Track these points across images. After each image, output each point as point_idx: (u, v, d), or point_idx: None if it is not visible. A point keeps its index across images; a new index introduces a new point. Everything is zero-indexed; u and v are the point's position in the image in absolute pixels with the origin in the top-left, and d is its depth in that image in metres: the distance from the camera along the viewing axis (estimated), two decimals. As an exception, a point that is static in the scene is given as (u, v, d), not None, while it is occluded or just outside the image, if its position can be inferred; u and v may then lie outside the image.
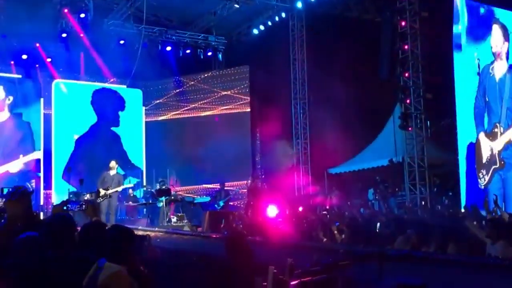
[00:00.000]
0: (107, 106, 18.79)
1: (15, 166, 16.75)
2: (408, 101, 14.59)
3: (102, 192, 12.60)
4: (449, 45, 13.80)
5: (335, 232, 9.68)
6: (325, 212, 14.06)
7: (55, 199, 16.68)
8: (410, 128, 14.49)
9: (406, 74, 14.64)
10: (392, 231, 8.59)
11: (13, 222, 2.76)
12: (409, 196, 14.44)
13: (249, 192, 15.29)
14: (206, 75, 19.62)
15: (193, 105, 19.45)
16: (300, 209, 15.40)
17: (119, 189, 12.91)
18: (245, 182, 16.62)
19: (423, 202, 14.11)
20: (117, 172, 13.13)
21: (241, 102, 19.14)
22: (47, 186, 17.19)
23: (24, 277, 2.86)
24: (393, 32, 14.67)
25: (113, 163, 13.10)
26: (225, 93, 19.20)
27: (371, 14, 17.02)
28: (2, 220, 5.14)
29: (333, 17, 16.66)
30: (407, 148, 14.65)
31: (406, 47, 14.60)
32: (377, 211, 13.90)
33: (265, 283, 2.65)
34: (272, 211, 14.08)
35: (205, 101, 19.40)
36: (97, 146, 17.57)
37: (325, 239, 9.47)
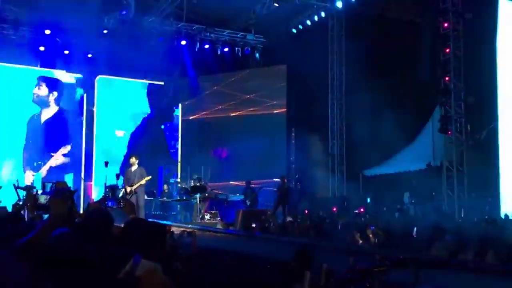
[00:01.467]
0: (162, 100, 19.06)
1: (57, 159, 17.16)
2: (448, 104, 14.27)
3: (128, 189, 12.74)
4: (493, 48, 13.42)
5: (370, 235, 9.56)
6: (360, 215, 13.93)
7: (94, 193, 17.03)
8: (449, 132, 14.17)
9: (447, 78, 14.32)
10: (429, 237, 8.42)
11: (56, 221, 2.79)
12: (447, 201, 14.12)
13: (279, 192, 15.27)
14: (243, 73, 19.64)
15: (230, 103, 19.51)
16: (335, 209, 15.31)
17: (143, 182, 12.85)
18: (276, 180, 16.56)
19: (462, 208, 13.78)
20: (138, 167, 13.16)
21: (277, 101, 19.10)
22: (88, 178, 17.54)
23: (60, 272, 2.89)
24: (434, 33, 14.37)
25: (133, 159, 13.08)
26: (262, 92, 19.18)
27: (412, 15, 16.69)
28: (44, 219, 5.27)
29: (372, 17, 16.42)
30: (446, 152, 14.32)
31: (448, 49, 14.27)
32: (413, 215, 13.68)
33: None
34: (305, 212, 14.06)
35: (242, 99, 19.43)
36: (144, 140, 17.89)
37: (361, 241, 9.35)
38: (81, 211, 7.60)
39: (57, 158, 17.07)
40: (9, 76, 17.01)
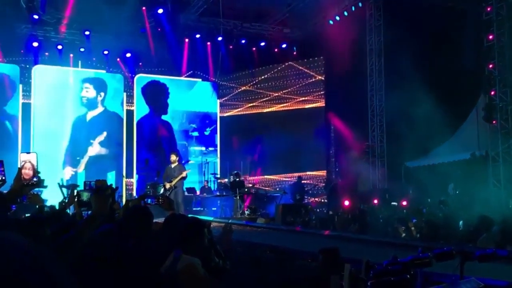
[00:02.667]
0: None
1: (94, 149, 17.43)
2: (493, 92, 13.82)
3: (168, 185, 12.95)
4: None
5: (412, 228, 9.37)
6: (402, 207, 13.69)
7: (135, 189, 17.34)
8: (494, 121, 13.73)
9: (491, 65, 13.86)
10: (475, 229, 8.18)
11: (97, 217, 2.84)
12: (493, 192, 13.70)
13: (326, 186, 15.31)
14: (280, 68, 19.57)
15: (267, 98, 19.49)
16: (376, 201, 15.10)
17: (184, 174, 13.08)
18: (319, 174, 16.51)
19: (509, 199, 13.35)
20: (178, 164, 13.37)
21: (315, 95, 18.96)
22: (129, 174, 17.86)
23: (103, 268, 2.93)
24: (477, 19, 13.92)
25: (173, 157, 13.37)
26: (299, 85, 19.08)
27: (453, 1, 16.23)
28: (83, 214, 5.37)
29: (411, 5, 16.04)
30: (491, 141, 13.90)
31: (491, 35, 13.80)
32: (458, 207, 13.33)
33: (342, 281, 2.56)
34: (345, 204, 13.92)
35: (279, 94, 19.39)
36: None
37: (404, 235, 9.18)
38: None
39: (94, 146, 17.36)
40: (53, 77, 17.40)
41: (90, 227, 2.67)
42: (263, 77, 19.67)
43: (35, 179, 3.61)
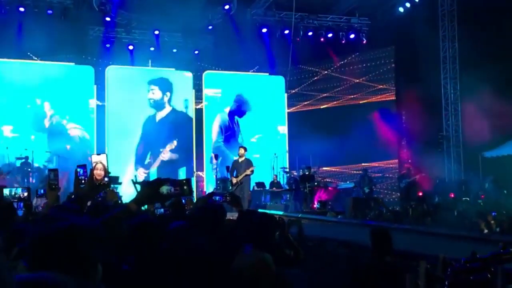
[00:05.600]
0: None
1: (164, 155, 17.81)
2: None
3: (234, 180, 12.93)
4: None
5: (492, 222, 8.94)
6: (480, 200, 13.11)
7: (206, 185, 17.62)
8: None
9: None
10: None
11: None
12: None
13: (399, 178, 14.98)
14: (349, 58, 19.23)
15: (336, 90, 19.23)
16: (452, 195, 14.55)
17: (248, 172, 13.01)
18: (388, 165, 16.15)
19: None
20: (246, 158, 13.26)
21: (386, 84, 18.51)
22: (199, 168, 18.20)
23: (178, 263, 2.99)
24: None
25: (241, 151, 13.29)
26: (369, 75, 18.69)
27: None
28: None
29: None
30: None
31: None
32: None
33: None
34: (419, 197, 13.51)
35: (348, 85, 19.08)
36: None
37: (486, 231, 8.76)
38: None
39: (165, 153, 17.72)
40: (125, 78, 17.95)
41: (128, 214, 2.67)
42: (331, 69, 19.41)
43: (106, 179, 3.74)
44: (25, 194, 4.16)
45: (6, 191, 4.57)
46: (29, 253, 1.90)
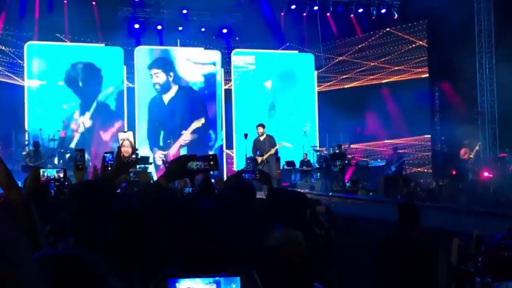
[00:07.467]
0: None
1: (186, 137, 17.86)
2: None
3: (259, 159, 12.71)
4: None
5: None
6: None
7: (236, 162, 17.68)
8: None
9: None
10: None
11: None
12: None
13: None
14: (380, 34, 18.84)
15: (366, 67, 18.90)
16: (486, 174, 14.24)
17: (273, 151, 12.78)
18: (420, 142, 15.90)
19: None
20: (267, 135, 12.97)
21: (418, 59, 18.11)
22: (229, 146, 18.27)
23: (208, 242, 3.01)
24: None
25: (260, 129, 12.91)
26: (401, 51, 18.30)
27: None
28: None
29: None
30: None
31: None
32: None
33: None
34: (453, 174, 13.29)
35: (379, 61, 18.72)
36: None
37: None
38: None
39: (187, 136, 17.75)
40: (153, 58, 18.02)
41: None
42: (361, 46, 19.05)
43: (133, 156, 3.75)
44: (61, 175, 4.23)
45: (43, 173, 4.68)
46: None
